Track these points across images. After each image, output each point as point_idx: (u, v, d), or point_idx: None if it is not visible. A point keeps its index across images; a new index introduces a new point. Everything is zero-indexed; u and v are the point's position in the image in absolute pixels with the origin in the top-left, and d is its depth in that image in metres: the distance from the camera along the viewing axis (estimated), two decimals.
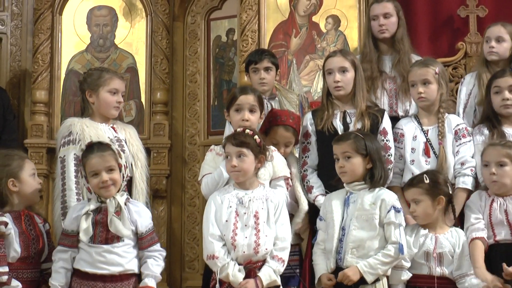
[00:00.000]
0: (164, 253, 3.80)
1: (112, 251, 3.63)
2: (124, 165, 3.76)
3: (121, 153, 3.80)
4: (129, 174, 4.05)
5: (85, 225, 3.62)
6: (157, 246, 3.77)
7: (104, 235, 3.64)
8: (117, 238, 3.65)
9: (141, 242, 3.72)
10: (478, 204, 3.97)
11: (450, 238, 3.90)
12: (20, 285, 3.65)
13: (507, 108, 4.28)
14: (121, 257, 3.64)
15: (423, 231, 3.91)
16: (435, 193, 3.90)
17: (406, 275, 3.81)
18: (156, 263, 3.72)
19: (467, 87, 4.73)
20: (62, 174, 4.09)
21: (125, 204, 3.72)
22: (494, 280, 3.73)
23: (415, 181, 3.94)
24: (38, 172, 5.33)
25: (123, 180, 3.75)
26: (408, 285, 3.85)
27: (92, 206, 3.67)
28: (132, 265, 3.68)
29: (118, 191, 3.71)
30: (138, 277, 3.72)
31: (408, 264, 3.82)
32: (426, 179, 3.91)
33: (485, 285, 3.74)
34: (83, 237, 3.62)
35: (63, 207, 4.02)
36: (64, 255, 3.66)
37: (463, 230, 3.98)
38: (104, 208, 3.67)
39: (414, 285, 3.85)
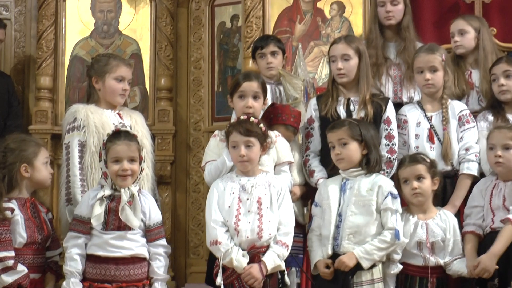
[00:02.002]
0: (169, 250, 3.83)
1: (124, 237, 3.66)
2: (144, 159, 3.80)
3: (143, 146, 3.82)
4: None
5: (98, 210, 3.64)
6: (162, 241, 3.79)
7: (117, 223, 3.67)
8: (129, 227, 3.68)
9: (148, 234, 3.75)
10: (481, 188, 3.97)
11: (440, 223, 3.91)
12: (26, 270, 3.67)
13: (504, 94, 4.30)
14: (132, 242, 3.67)
15: (412, 219, 3.91)
16: (434, 173, 3.95)
17: (397, 269, 3.82)
18: (161, 264, 3.76)
19: None
20: (66, 160, 4.10)
21: (137, 195, 3.73)
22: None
23: (419, 158, 3.95)
24: None
25: (140, 173, 3.78)
26: (400, 272, 3.84)
27: (107, 192, 3.69)
28: (142, 250, 3.71)
29: (133, 183, 3.74)
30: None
31: (398, 257, 3.82)
32: (428, 158, 3.96)
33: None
34: (94, 222, 3.64)
35: (67, 193, 4.04)
36: (78, 241, 3.67)
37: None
38: (118, 196, 3.69)
39: (405, 272, 3.86)
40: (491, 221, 3.89)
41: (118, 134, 3.76)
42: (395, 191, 3.81)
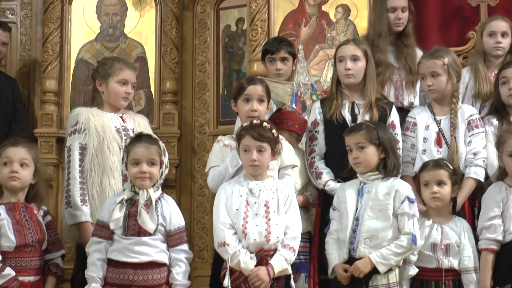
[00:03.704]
0: (190, 255, 3.79)
1: (142, 242, 3.64)
2: (166, 164, 3.78)
3: (166, 151, 3.80)
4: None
5: (118, 215, 3.64)
6: (184, 246, 3.76)
7: (137, 228, 3.65)
8: (149, 232, 3.66)
9: (169, 239, 3.73)
10: (497, 197, 3.88)
11: (455, 228, 3.89)
12: (13, 273, 3.67)
13: None
14: (151, 248, 3.66)
15: (427, 222, 3.89)
16: (455, 181, 3.94)
17: (413, 270, 3.80)
18: (180, 270, 3.72)
19: (463, 81, 4.64)
20: (67, 163, 4.12)
21: (159, 199, 3.73)
22: None
23: (443, 163, 3.94)
24: (48, 161, 5.43)
25: (160, 177, 3.76)
26: (414, 278, 3.82)
27: (126, 195, 3.70)
28: (161, 257, 3.68)
29: (153, 186, 3.73)
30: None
31: (415, 258, 3.80)
32: (451, 165, 3.94)
33: None
34: (112, 226, 3.64)
35: (67, 196, 4.06)
36: (99, 246, 3.67)
37: (473, 219, 4.03)
38: (137, 201, 3.69)
39: (421, 278, 3.83)
40: (510, 228, 3.81)
41: (139, 137, 3.77)
42: (412, 196, 3.79)
